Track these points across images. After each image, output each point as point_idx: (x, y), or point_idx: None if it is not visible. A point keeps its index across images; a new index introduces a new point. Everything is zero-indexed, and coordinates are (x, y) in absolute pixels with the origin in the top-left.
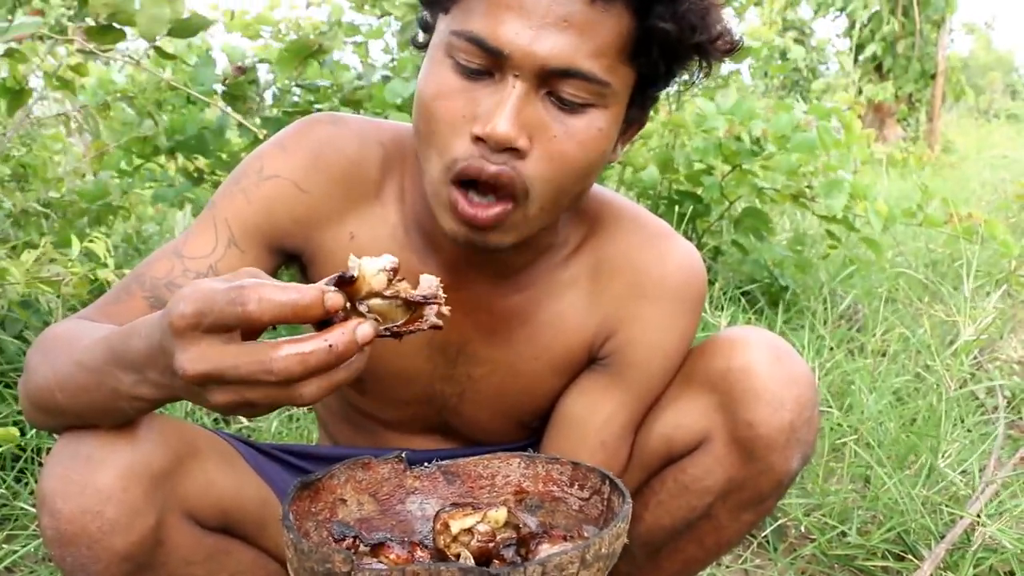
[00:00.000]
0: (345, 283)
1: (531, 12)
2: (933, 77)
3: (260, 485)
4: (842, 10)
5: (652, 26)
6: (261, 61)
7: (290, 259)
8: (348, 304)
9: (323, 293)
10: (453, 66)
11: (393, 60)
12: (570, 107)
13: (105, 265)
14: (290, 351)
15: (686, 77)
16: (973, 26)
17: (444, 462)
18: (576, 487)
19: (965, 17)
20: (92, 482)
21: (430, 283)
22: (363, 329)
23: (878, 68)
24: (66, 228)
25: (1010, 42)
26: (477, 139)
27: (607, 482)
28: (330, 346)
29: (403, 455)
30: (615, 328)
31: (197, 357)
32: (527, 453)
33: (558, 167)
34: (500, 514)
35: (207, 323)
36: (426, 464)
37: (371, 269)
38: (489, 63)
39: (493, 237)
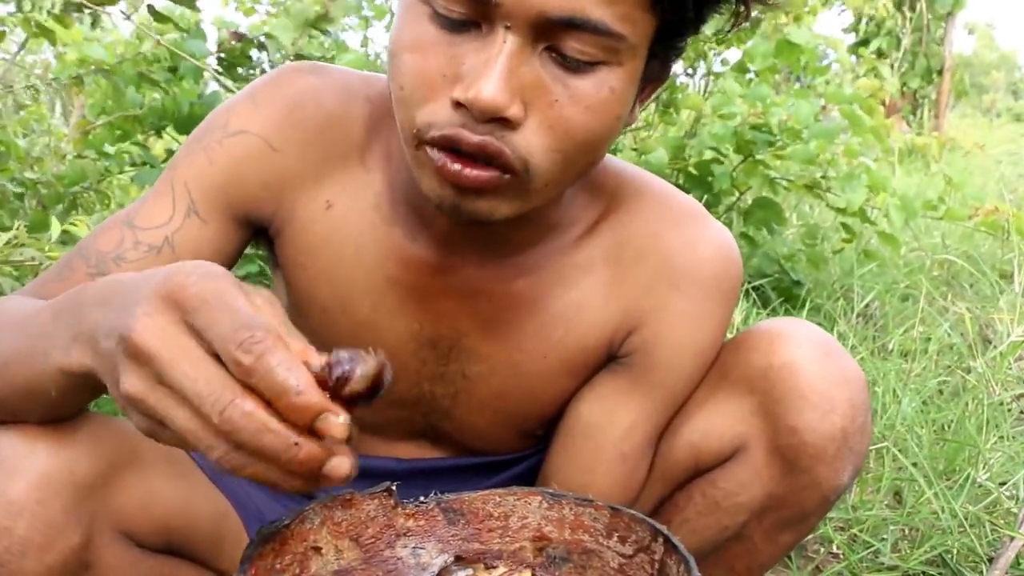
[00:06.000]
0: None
1: None
2: (939, 73)
3: (216, 496)
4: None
5: None
6: (264, 35)
7: (258, 233)
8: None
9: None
10: (430, 15)
11: None
12: (575, 66)
13: None
14: (256, 412)
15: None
16: (974, 25)
17: (445, 496)
18: (615, 539)
19: (968, 17)
20: (2, 493)
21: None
22: (338, 465)
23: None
24: (42, 213)
25: (1014, 41)
26: (458, 104)
27: (660, 539)
28: (296, 445)
29: (393, 487)
30: (639, 321)
31: (158, 329)
32: (550, 491)
33: (561, 136)
34: None
35: (200, 320)
36: (422, 499)
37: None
38: (474, 12)
39: (483, 204)
